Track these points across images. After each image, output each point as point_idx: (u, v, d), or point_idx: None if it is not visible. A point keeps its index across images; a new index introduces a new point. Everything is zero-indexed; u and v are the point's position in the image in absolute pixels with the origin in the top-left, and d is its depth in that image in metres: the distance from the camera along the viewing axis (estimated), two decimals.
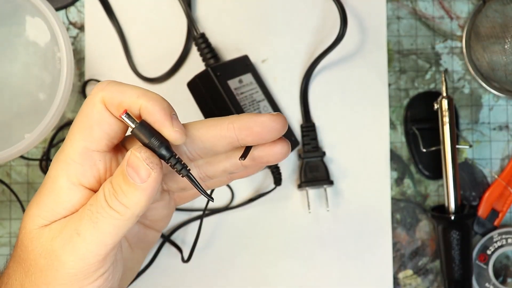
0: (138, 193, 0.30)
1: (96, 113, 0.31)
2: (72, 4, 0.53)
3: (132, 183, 0.30)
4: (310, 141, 0.52)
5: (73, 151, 0.31)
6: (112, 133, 0.31)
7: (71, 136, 0.31)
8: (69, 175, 0.31)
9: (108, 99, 0.31)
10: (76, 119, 0.31)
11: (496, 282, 0.52)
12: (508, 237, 0.52)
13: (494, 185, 0.53)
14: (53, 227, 0.31)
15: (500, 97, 0.54)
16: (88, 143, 0.31)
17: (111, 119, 0.31)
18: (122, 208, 0.30)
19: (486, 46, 0.52)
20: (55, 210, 0.31)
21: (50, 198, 0.31)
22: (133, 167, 0.30)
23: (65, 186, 0.31)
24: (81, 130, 0.31)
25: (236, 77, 0.50)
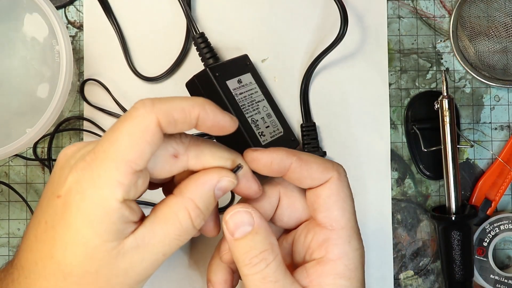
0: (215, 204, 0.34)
1: (150, 136, 0.30)
2: (71, 3, 0.53)
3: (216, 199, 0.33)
4: (310, 141, 0.52)
5: (120, 174, 0.29)
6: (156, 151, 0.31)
7: (116, 156, 0.30)
8: (117, 196, 0.30)
9: (165, 123, 0.30)
10: (121, 138, 0.30)
11: (500, 272, 0.52)
12: (499, 224, 0.52)
13: (490, 171, 0.53)
14: (126, 250, 0.30)
15: (491, 86, 0.54)
16: (137, 165, 0.30)
17: (161, 140, 0.31)
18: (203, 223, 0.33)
19: (472, 36, 0.53)
20: (117, 231, 0.30)
21: (105, 223, 0.30)
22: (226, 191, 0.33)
23: (117, 208, 0.30)
24: (130, 152, 0.30)
25: (235, 77, 0.49)
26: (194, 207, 0.32)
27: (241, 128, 0.47)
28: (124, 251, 0.30)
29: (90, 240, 0.30)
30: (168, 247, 0.31)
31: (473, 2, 0.53)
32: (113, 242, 0.30)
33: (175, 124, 0.31)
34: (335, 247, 0.34)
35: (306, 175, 0.34)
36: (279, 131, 0.50)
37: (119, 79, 0.53)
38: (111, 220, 0.30)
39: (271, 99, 0.52)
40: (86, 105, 0.53)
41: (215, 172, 0.33)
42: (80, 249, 0.30)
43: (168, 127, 0.30)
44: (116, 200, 0.30)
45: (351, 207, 0.35)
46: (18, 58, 0.50)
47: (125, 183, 0.30)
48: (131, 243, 0.31)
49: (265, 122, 0.50)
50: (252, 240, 0.33)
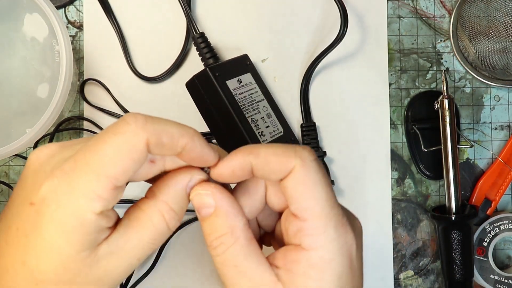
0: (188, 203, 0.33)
1: (137, 154, 0.29)
2: (71, 3, 0.53)
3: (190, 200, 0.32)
4: (310, 140, 0.52)
5: (101, 188, 0.28)
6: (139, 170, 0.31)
7: (98, 170, 0.29)
8: (95, 209, 0.29)
9: (154, 144, 0.29)
10: (106, 152, 0.29)
11: (500, 272, 0.52)
12: (499, 224, 0.52)
13: (490, 171, 0.53)
14: (100, 257, 0.30)
15: (492, 85, 0.54)
16: (118, 181, 0.29)
17: (145, 159, 0.30)
18: (178, 224, 0.32)
19: (472, 36, 0.53)
20: (91, 240, 0.30)
21: (80, 234, 0.29)
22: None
23: (93, 220, 0.29)
24: (114, 168, 0.29)
25: (235, 77, 0.49)
26: (168, 209, 0.31)
27: (241, 128, 0.47)
28: (97, 258, 0.30)
29: (64, 249, 0.29)
30: (142, 252, 0.31)
31: (473, 2, 0.53)
32: (86, 251, 0.29)
33: (161, 147, 0.30)
34: (308, 237, 0.32)
35: (268, 170, 0.32)
36: (279, 131, 0.50)
37: (119, 79, 0.53)
38: (86, 231, 0.29)
39: (271, 99, 0.52)
40: (86, 105, 0.53)
41: (186, 172, 0.32)
42: (54, 258, 0.29)
43: (154, 149, 0.30)
44: (93, 212, 0.29)
45: (323, 193, 0.32)
46: (18, 58, 0.50)
47: (104, 197, 0.29)
48: (105, 250, 0.30)
49: (265, 122, 0.50)
50: (212, 222, 0.32)
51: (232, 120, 0.47)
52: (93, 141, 0.29)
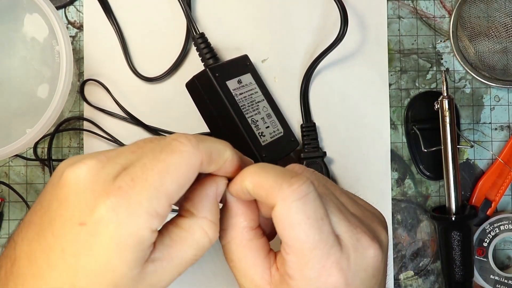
0: None
1: (193, 173, 0.31)
2: (71, 4, 0.53)
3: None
4: (310, 141, 0.52)
5: (160, 205, 0.29)
6: None
7: (159, 188, 0.29)
8: (153, 227, 0.30)
9: (206, 163, 0.31)
10: (167, 171, 0.30)
11: (500, 272, 0.52)
12: (499, 225, 0.52)
13: (490, 171, 0.53)
14: (147, 275, 0.31)
15: (492, 86, 0.54)
16: (173, 199, 0.30)
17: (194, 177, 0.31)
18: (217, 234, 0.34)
19: (472, 36, 0.53)
20: (143, 257, 0.30)
21: (137, 252, 0.30)
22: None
23: (149, 237, 0.30)
24: (174, 187, 0.30)
25: (235, 78, 0.49)
26: (209, 223, 0.32)
27: (241, 128, 0.47)
28: (144, 275, 0.30)
29: (118, 268, 0.29)
30: (185, 267, 0.32)
31: (473, 2, 0.53)
32: (138, 268, 0.30)
33: (211, 164, 0.32)
34: (289, 269, 0.32)
35: (259, 198, 0.33)
36: (279, 131, 0.50)
37: (119, 79, 0.53)
38: (142, 248, 0.29)
39: (271, 99, 0.52)
40: (86, 105, 0.53)
41: (212, 181, 0.33)
42: (106, 278, 0.29)
43: (206, 167, 0.31)
44: (151, 230, 0.29)
45: (303, 235, 0.31)
46: (18, 58, 0.50)
47: (162, 215, 0.29)
48: (150, 268, 0.31)
49: (265, 123, 0.50)
50: (222, 215, 0.34)
51: (232, 120, 0.47)
52: (149, 159, 0.30)
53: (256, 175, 0.32)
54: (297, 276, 0.32)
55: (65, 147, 0.53)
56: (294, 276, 0.32)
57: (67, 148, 0.53)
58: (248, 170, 0.33)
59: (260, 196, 0.32)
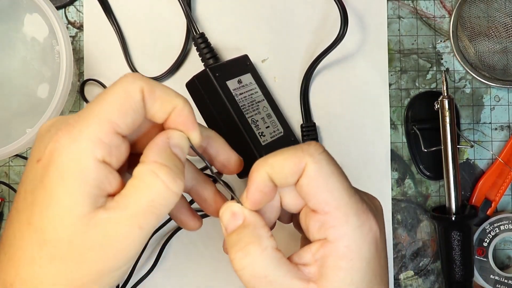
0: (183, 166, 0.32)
1: (134, 100, 0.30)
2: (71, 4, 0.53)
3: (180, 158, 0.32)
4: (310, 141, 0.52)
5: (102, 132, 0.29)
6: (137, 125, 0.31)
7: (99, 114, 0.30)
8: (97, 155, 0.29)
9: (147, 92, 0.31)
10: (106, 99, 0.30)
11: (500, 272, 0.52)
12: (499, 224, 0.52)
13: (490, 171, 0.53)
14: (98, 221, 0.29)
15: (491, 86, 0.54)
16: (120, 128, 0.30)
17: (143, 111, 0.31)
18: (181, 184, 0.31)
19: (472, 37, 0.53)
20: (90, 195, 0.29)
21: (80, 184, 0.29)
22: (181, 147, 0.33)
23: (94, 167, 0.29)
24: (114, 111, 0.30)
25: (235, 77, 0.49)
26: (159, 165, 0.30)
27: (241, 128, 0.47)
28: (95, 221, 0.29)
29: (64, 202, 0.29)
30: (142, 218, 0.30)
31: (473, 2, 0.53)
32: (85, 207, 0.29)
33: (154, 100, 0.31)
34: (332, 229, 0.32)
35: (284, 175, 0.32)
36: (279, 131, 0.50)
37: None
38: (86, 180, 0.29)
39: (271, 99, 0.52)
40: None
41: (163, 133, 0.32)
42: (55, 213, 0.29)
43: (148, 100, 0.31)
44: (94, 158, 0.29)
45: (338, 183, 0.32)
46: (18, 58, 0.50)
47: (105, 142, 0.29)
48: (102, 215, 0.29)
49: (265, 123, 0.50)
50: (240, 233, 0.32)
51: (232, 120, 0.47)
52: (96, 96, 0.31)
53: (270, 158, 0.32)
54: (342, 231, 0.31)
55: None
56: (339, 234, 0.31)
57: None
58: (258, 162, 0.33)
59: (284, 171, 0.32)
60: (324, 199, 0.32)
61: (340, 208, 0.32)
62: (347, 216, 0.32)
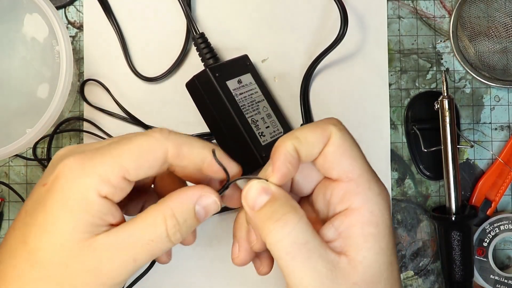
0: (196, 224, 0.33)
1: (153, 158, 0.32)
2: (71, 4, 0.53)
3: (199, 218, 0.32)
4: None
5: (113, 174, 0.31)
6: (152, 176, 0.33)
7: (116, 157, 0.31)
8: (101, 191, 0.30)
9: (173, 154, 0.32)
10: (129, 146, 0.31)
11: (500, 272, 0.52)
12: (499, 225, 0.52)
13: (490, 171, 0.53)
14: (97, 246, 0.30)
15: (491, 86, 0.54)
16: (130, 175, 0.31)
17: (158, 168, 0.32)
18: (180, 238, 0.32)
19: (472, 36, 0.53)
20: (92, 223, 0.30)
21: (82, 213, 0.30)
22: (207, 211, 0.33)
23: (96, 201, 0.30)
24: (130, 161, 0.31)
25: (235, 78, 0.49)
26: (171, 215, 0.31)
27: (241, 128, 0.47)
28: (94, 246, 0.30)
29: (64, 225, 0.30)
30: (139, 252, 0.31)
31: (473, 2, 0.53)
32: (85, 233, 0.30)
33: (182, 158, 0.32)
34: (357, 196, 0.33)
35: (311, 147, 0.33)
36: (279, 131, 0.50)
37: (119, 79, 0.53)
38: (88, 210, 0.30)
39: (271, 99, 0.52)
40: (86, 106, 0.53)
41: (198, 188, 0.33)
42: (52, 234, 0.30)
43: (174, 159, 0.32)
44: (98, 194, 0.30)
45: (360, 153, 0.34)
46: (18, 59, 0.50)
47: (112, 183, 0.30)
48: (102, 240, 0.30)
49: (265, 123, 0.50)
50: (272, 206, 0.32)
51: (232, 120, 0.47)
52: (120, 137, 0.32)
53: (295, 132, 0.33)
54: (366, 197, 0.33)
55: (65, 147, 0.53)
56: (364, 200, 0.32)
57: None
58: (284, 137, 0.33)
59: (311, 142, 0.33)
60: (349, 166, 0.33)
61: (364, 175, 0.33)
62: (370, 183, 0.33)
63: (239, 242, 0.36)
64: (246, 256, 0.36)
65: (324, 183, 0.35)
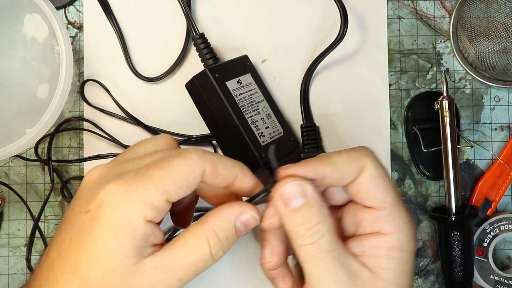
0: (237, 239, 0.35)
1: (192, 178, 0.33)
2: (71, 4, 0.53)
3: (239, 234, 0.34)
4: (310, 141, 0.52)
5: (157, 198, 0.32)
6: (190, 196, 0.35)
7: (157, 182, 0.32)
8: (146, 216, 0.32)
9: (209, 173, 0.34)
10: (168, 170, 0.32)
11: (500, 272, 0.52)
12: (499, 225, 0.52)
13: (490, 171, 0.53)
14: (145, 270, 0.32)
15: (491, 86, 0.54)
16: (171, 197, 0.32)
17: (196, 185, 0.34)
18: (222, 256, 0.34)
19: (472, 37, 0.53)
20: (139, 247, 0.32)
21: (130, 238, 0.31)
22: (247, 226, 0.35)
23: (143, 226, 0.32)
24: (171, 184, 0.32)
25: (235, 78, 0.49)
26: (214, 235, 0.33)
27: (240, 129, 0.47)
28: (143, 270, 0.32)
29: (114, 252, 0.31)
30: (185, 273, 0.33)
31: (473, 2, 0.53)
32: (134, 258, 0.31)
33: (216, 176, 0.34)
34: (388, 223, 0.35)
35: (341, 176, 0.35)
36: (279, 131, 0.50)
37: (119, 79, 0.53)
38: (136, 235, 0.31)
39: (271, 99, 0.52)
40: (86, 106, 0.53)
41: (237, 204, 0.35)
42: (103, 261, 0.31)
43: (209, 177, 0.34)
44: (144, 218, 0.31)
45: (391, 183, 0.36)
46: (18, 59, 0.50)
47: (157, 207, 0.32)
48: (150, 263, 0.32)
49: (265, 123, 0.50)
50: (306, 212, 0.34)
51: (232, 121, 0.47)
52: (156, 161, 0.33)
53: (330, 158, 0.35)
54: (396, 225, 0.35)
55: (65, 147, 0.53)
56: (393, 228, 0.35)
57: (67, 148, 0.53)
58: (314, 163, 0.35)
59: (343, 172, 0.35)
60: (382, 197, 0.35)
61: (396, 205, 0.35)
62: (400, 213, 0.35)
63: (272, 246, 0.37)
64: (278, 261, 0.37)
65: (355, 205, 0.37)
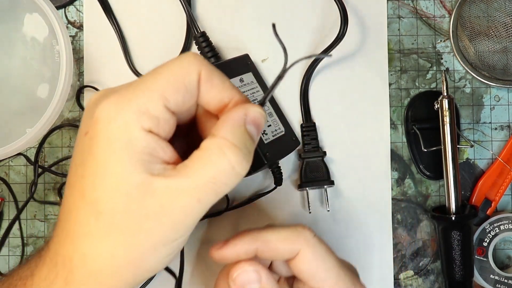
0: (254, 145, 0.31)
1: (189, 80, 0.30)
2: (71, 3, 0.53)
3: (252, 137, 0.31)
4: (310, 141, 0.52)
5: (152, 104, 0.29)
6: (187, 107, 0.31)
7: (151, 85, 0.29)
8: (143, 125, 0.29)
9: (205, 76, 0.31)
10: (161, 72, 0.30)
11: (500, 272, 0.52)
12: (499, 224, 0.52)
13: (490, 171, 0.53)
14: (156, 189, 0.28)
15: (491, 85, 0.54)
16: (169, 103, 0.29)
17: (195, 93, 0.31)
18: (247, 168, 0.30)
19: (472, 36, 0.53)
20: (142, 161, 0.28)
21: (129, 152, 0.28)
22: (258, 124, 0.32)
23: (141, 137, 0.28)
24: (166, 85, 0.29)
25: (236, 76, 0.49)
26: (230, 145, 0.29)
27: None
28: (153, 189, 0.28)
29: (115, 168, 0.28)
30: (203, 192, 0.29)
31: (473, 2, 0.53)
32: (139, 174, 0.28)
33: (211, 86, 0.31)
34: None
35: (276, 254, 0.35)
36: (280, 130, 0.50)
37: (119, 79, 0.53)
38: (135, 148, 0.28)
39: (272, 98, 0.52)
40: None
41: (240, 107, 0.31)
42: (107, 181, 0.28)
43: (204, 84, 0.31)
44: (140, 127, 0.28)
45: (333, 261, 0.36)
46: (18, 58, 0.50)
47: (153, 113, 0.29)
48: (161, 182, 0.28)
49: (267, 121, 0.50)
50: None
51: None
52: (152, 69, 0.31)
53: (265, 235, 0.35)
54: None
55: (65, 147, 0.53)
56: None
57: (67, 148, 0.53)
58: (250, 235, 0.35)
59: (277, 251, 0.35)
60: (323, 279, 0.35)
61: (338, 283, 0.35)
62: (345, 284, 0.36)
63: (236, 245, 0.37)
64: (231, 255, 0.36)
65: (298, 282, 0.38)
